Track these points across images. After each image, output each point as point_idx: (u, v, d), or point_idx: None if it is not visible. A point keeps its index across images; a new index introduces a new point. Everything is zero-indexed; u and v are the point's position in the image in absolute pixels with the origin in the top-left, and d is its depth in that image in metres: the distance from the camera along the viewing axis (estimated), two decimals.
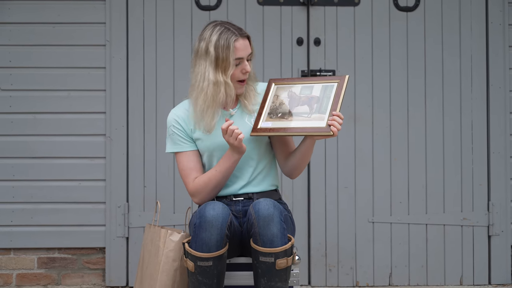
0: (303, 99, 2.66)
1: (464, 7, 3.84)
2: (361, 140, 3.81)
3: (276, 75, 3.76)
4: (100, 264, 3.78)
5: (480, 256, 3.83)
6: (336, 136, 2.57)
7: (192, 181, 2.70)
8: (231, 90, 2.65)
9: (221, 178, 2.66)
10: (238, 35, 2.63)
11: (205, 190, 2.68)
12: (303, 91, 2.68)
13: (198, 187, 2.68)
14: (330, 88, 2.64)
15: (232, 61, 2.62)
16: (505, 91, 3.83)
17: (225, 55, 2.62)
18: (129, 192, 3.76)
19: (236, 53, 2.63)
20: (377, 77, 3.82)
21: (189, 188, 2.71)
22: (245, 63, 2.66)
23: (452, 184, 3.83)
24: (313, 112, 2.61)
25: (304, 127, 2.60)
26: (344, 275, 3.81)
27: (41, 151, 3.75)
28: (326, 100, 2.62)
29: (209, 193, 2.68)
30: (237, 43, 2.63)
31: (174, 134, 2.73)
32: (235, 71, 2.65)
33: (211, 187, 2.67)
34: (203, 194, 2.69)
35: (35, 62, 3.76)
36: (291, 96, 2.69)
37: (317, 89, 2.66)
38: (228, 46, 2.61)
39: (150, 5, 3.78)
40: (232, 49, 2.61)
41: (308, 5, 3.80)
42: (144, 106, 3.77)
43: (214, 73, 2.63)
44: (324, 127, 2.56)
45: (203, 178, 2.68)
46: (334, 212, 3.81)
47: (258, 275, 2.52)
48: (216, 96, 2.64)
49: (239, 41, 2.64)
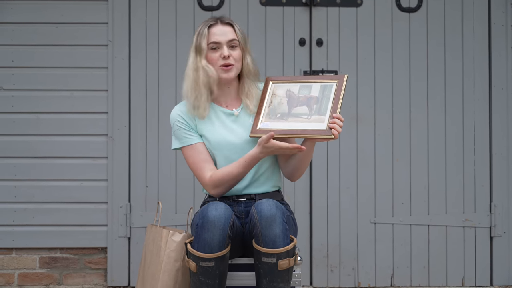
0: (302, 99, 2.65)
1: (466, 8, 3.84)
2: (363, 141, 3.81)
3: (278, 75, 3.76)
4: (102, 264, 3.79)
5: (482, 257, 3.82)
6: (337, 138, 2.57)
7: (209, 175, 2.69)
8: (212, 73, 2.70)
9: (239, 175, 2.66)
10: (215, 22, 2.72)
11: (225, 185, 2.68)
12: (302, 90, 2.67)
13: (217, 181, 2.68)
14: (329, 88, 2.63)
15: (204, 45, 2.69)
16: (508, 92, 3.82)
17: (200, 41, 2.71)
18: (131, 192, 3.77)
19: (210, 37, 2.70)
20: (379, 78, 3.82)
21: (206, 181, 2.70)
22: (224, 48, 2.70)
23: (454, 185, 3.83)
24: (313, 113, 2.61)
25: (305, 130, 2.59)
26: (346, 276, 3.81)
27: (43, 151, 3.75)
28: (326, 101, 2.61)
29: (228, 187, 2.70)
30: (212, 29, 2.71)
31: (179, 129, 2.74)
32: (211, 55, 2.70)
33: (229, 183, 2.68)
34: (223, 188, 2.69)
35: (38, 62, 3.76)
36: (289, 95, 2.68)
37: (315, 88, 2.65)
38: (202, 32, 2.71)
39: (153, 5, 3.78)
40: (205, 34, 2.70)
41: (311, 5, 3.80)
42: (146, 106, 3.77)
43: (194, 60, 2.72)
44: (325, 130, 2.55)
45: (221, 173, 2.68)
46: (336, 213, 3.81)
47: (260, 275, 2.52)
48: (198, 80, 2.71)
49: (215, 27, 2.71)
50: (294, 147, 2.57)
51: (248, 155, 2.64)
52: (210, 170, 2.70)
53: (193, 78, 2.72)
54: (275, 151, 2.60)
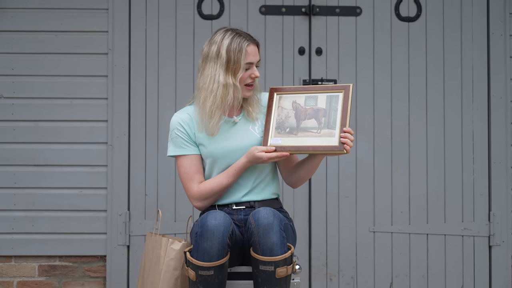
0: (309, 112, 2.66)
1: (465, 18, 3.85)
2: (362, 150, 3.82)
3: (278, 84, 3.77)
4: (101, 272, 3.78)
5: (481, 266, 3.82)
6: (349, 153, 2.59)
7: (197, 186, 2.70)
8: (239, 93, 2.68)
9: (228, 185, 2.68)
10: (249, 41, 2.70)
11: (213, 197, 2.70)
12: (308, 102, 2.68)
13: (205, 193, 2.69)
14: (336, 99, 2.63)
15: (243, 65, 2.67)
16: (506, 101, 3.83)
17: (237, 58, 2.66)
18: (130, 200, 3.77)
19: (247, 57, 2.68)
20: (378, 87, 3.83)
21: (192, 193, 2.71)
22: (254, 68, 2.71)
23: (453, 194, 3.83)
24: (322, 127, 2.62)
25: (316, 145, 2.60)
26: (345, 285, 3.80)
27: (43, 159, 3.76)
28: (334, 114, 2.61)
29: (214, 200, 2.72)
30: (249, 48, 2.68)
31: (177, 137, 2.74)
32: (244, 74, 2.69)
33: (217, 194, 2.69)
34: (209, 200, 2.71)
35: (38, 70, 3.77)
36: (296, 107, 2.68)
37: (322, 99, 2.65)
38: (240, 49, 2.66)
39: (153, 14, 3.79)
40: (244, 53, 2.66)
41: (310, 14, 3.81)
42: (146, 115, 3.78)
43: (225, 75, 2.67)
44: (337, 146, 2.57)
45: (209, 184, 2.69)
46: (335, 221, 3.81)
47: (258, 284, 2.52)
48: (225, 98, 2.67)
49: (250, 46, 2.69)
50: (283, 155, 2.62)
51: (238, 164, 2.66)
52: (198, 182, 2.72)
53: (220, 95, 2.67)
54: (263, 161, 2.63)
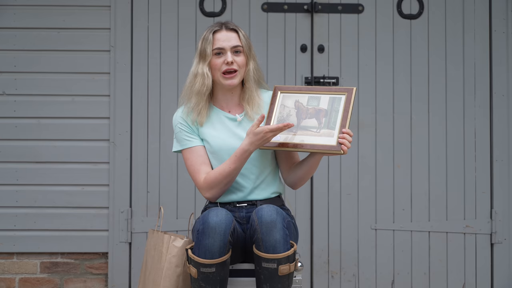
0: (311, 111, 2.66)
1: (467, 15, 3.85)
2: (364, 147, 3.82)
3: (280, 81, 3.77)
4: (103, 269, 3.79)
5: (483, 264, 3.82)
6: (346, 154, 2.59)
7: (204, 177, 2.70)
8: (209, 80, 2.70)
9: (232, 172, 2.64)
10: (220, 27, 2.71)
11: (219, 185, 2.67)
12: (310, 102, 2.68)
13: (210, 182, 2.67)
14: (338, 101, 2.64)
15: (209, 51, 2.68)
16: (508, 99, 3.83)
17: (204, 46, 2.70)
18: (132, 197, 3.77)
19: (215, 43, 2.69)
20: (380, 84, 3.83)
21: (200, 184, 2.70)
22: (227, 54, 2.69)
23: (455, 191, 3.83)
24: (322, 127, 2.62)
25: (314, 144, 2.60)
26: (347, 282, 3.81)
27: (45, 156, 3.76)
28: (335, 115, 2.62)
29: (222, 188, 2.68)
30: (217, 34, 2.70)
31: (181, 132, 2.75)
32: (215, 61, 2.69)
33: (223, 182, 2.66)
34: (217, 189, 2.68)
35: (40, 67, 3.77)
36: (298, 107, 2.68)
37: (324, 100, 2.66)
38: (207, 38, 2.70)
39: (155, 11, 3.79)
40: (210, 40, 2.68)
41: (312, 12, 3.81)
42: (148, 112, 3.78)
43: (196, 65, 2.72)
44: (334, 146, 2.57)
45: (214, 173, 2.67)
46: (336, 219, 3.81)
47: (260, 281, 2.53)
48: (193, 87, 2.72)
49: (220, 32, 2.70)
50: (284, 125, 2.54)
51: (238, 149, 2.63)
52: (205, 172, 2.71)
53: (188, 84, 2.74)
54: (264, 138, 2.57)
